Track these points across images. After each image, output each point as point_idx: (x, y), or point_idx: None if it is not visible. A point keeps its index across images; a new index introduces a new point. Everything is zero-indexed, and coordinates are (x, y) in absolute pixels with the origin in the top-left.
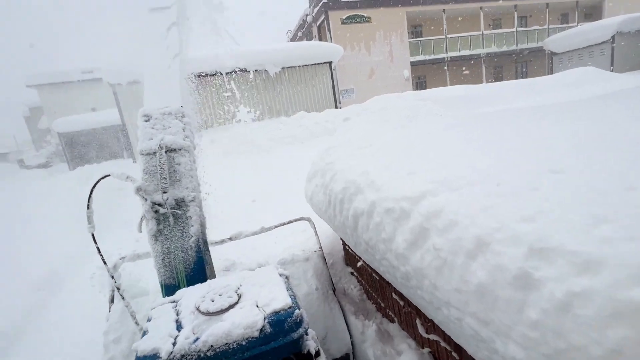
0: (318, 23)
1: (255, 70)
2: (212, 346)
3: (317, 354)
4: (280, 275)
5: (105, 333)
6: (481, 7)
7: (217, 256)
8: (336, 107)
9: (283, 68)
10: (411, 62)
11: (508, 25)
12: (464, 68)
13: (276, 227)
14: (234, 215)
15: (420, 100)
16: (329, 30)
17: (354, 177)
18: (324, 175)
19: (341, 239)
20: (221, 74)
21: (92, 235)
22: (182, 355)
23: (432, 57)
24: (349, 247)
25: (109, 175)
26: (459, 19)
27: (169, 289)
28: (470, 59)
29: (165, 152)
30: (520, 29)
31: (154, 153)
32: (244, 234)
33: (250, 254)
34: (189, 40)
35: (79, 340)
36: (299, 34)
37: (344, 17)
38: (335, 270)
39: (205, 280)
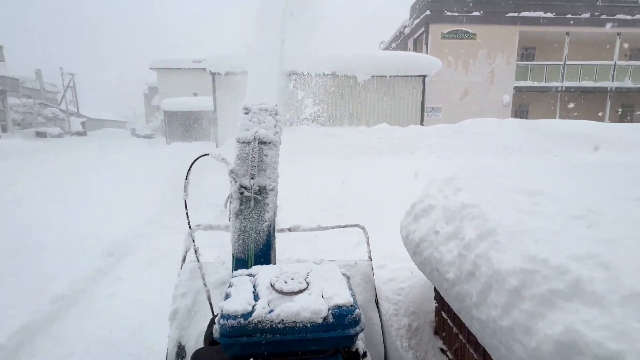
0: (416, 36)
1: (344, 75)
2: (282, 320)
3: (364, 354)
4: (342, 274)
5: (176, 287)
6: (619, 33)
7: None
8: (421, 123)
9: (373, 76)
10: (515, 87)
11: None
12: (581, 101)
13: (332, 228)
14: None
15: (526, 130)
16: (427, 44)
17: (550, 257)
18: (453, 220)
19: (436, 304)
20: (310, 74)
21: (185, 201)
22: (259, 321)
23: (543, 84)
24: (449, 320)
25: (208, 154)
26: (585, 44)
27: (238, 262)
28: (592, 91)
29: (258, 143)
30: None
31: (249, 143)
32: (302, 228)
33: (300, 248)
34: (288, 39)
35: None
36: (393, 45)
37: (445, 32)
38: (419, 340)
39: (269, 262)
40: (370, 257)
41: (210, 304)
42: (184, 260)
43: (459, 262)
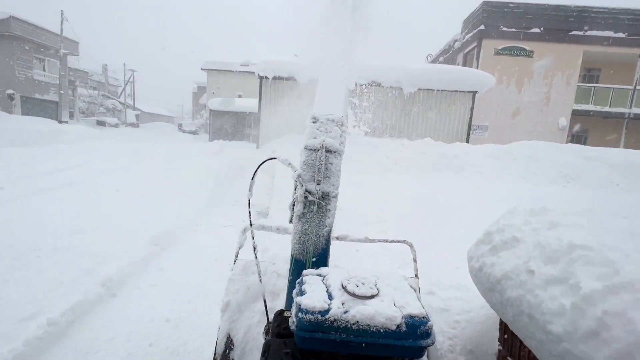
0: (467, 50)
1: (390, 87)
2: (357, 322)
3: None
4: (410, 286)
5: (229, 280)
6: None
7: None
8: (467, 141)
9: (419, 89)
10: (573, 110)
11: None
12: None
13: (379, 241)
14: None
15: (587, 158)
16: (478, 59)
17: None
18: (556, 261)
19: (500, 346)
20: (356, 84)
21: (249, 200)
22: (335, 320)
23: (607, 109)
24: None
25: (275, 158)
26: None
27: (297, 263)
28: None
29: (325, 151)
30: None
31: (316, 150)
32: (349, 237)
33: (344, 259)
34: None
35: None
36: (441, 59)
37: (499, 48)
38: None
39: (325, 266)
40: (417, 275)
41: (265, 300)
42: (237, 256)
43: (573, 316)
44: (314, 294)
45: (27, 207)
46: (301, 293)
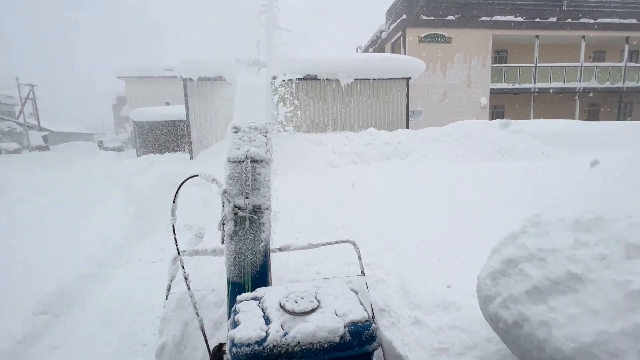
0: (393, 40)
1: (326, 79)
2: (299, 342)
3: None
4: (351, 289)
5: (162, 319)
6: (583, 37)
7: None
8: (407, 127)
9: (356, 79)
10: (491, 90)
11: (613, 59)
12: (553, 102)
13: (323, 245)
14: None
15: (515, 132)
16: (404, 47)
17: None
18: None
19: None
20: (290, 80)
21: (173, 226)
22: (274, 346)
23: (517, 86)
24: None
25: (197, 175)
26: (554, 47)
27: (234, 286)
28: (561, 92)
29: (250, 162)
30: (630, 64)
31: (241, 162)
32: (292, 247)
33: (292, 267)
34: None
35: None
36: (370, 50)
37: (422, 36)
38: None
39: (267, 284)
40: (363, 273)
41: (204, 334)
42: (168, 290)
43: None
44: (249, 322)
45: None
46: (234, 324)
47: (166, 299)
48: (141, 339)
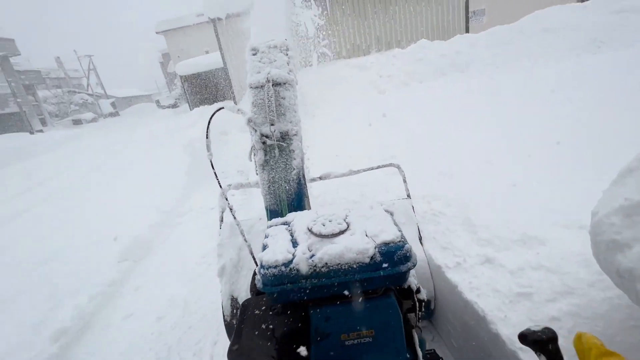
0: None
1: None
2: (326, 264)
3: (418, 290)
4: (385, 211)
5: (219, 245)
6: None
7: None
8: (467, 32)
9: None
10: None
11: None
12: None
13: (365, 170)
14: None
15: (619, 12)
16: None
17: None
18: None
19: None
20: None
21: (211, 161)
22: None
23: None
24: None
25: (223, 108)
26: None
27: (273, 214)
28: None
29: (272, 85)
30: None
31: (262, 86)
32: (333, 175)
33: (333, 192)
34: None
35: None
36: None
37: None
38: None
39: (304, 210)
40: (409, 195)
41: (253, 257)
42: (221, 220)
43: None
44: (276, 245)
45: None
46: (263, 248)
47: (220, 227)
48: (205, 279)
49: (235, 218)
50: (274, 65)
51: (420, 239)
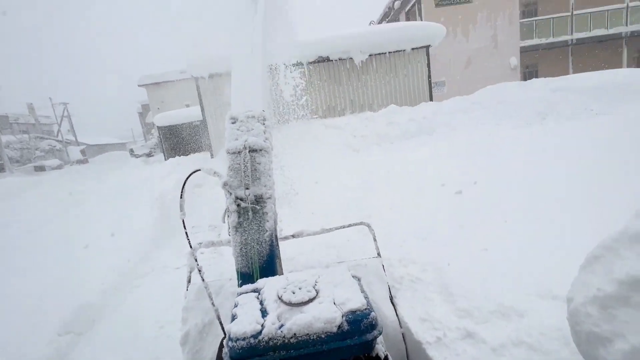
0: (407, 8)
1: (339, 59)
2: (295, 334)
3: (386, 358)
4: (353, 276)
5: (184, 309)
6: None
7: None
8: (431, 100)
9: (371, 55)
10: (521, 48)
11: None
12: (594, 52)
13: (337, 229)
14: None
15: (555, 90)
16: (420, 15)
17: None
18: None
19: None
20: (302, 63)
21: (183, 221)
22: (270, 339)
23: (551, 40)
24: None
25: (200, 170)
26: None
27: (244, 277)
28: (604, 40)
29: (249, 152)
30: None
31: (239, 152)
32: (305, 233)
33: (307, 254)
34: (267, 33)
35: None
36: (384, 23)
37: None
38: None
39: (275, 273)
40: (379, 254)
41: (221, 323)
42: (189, 281)
43: None
44: (245, 316)
45: None
46: (232, 318)
47: (187, 289)
48: (163, 351)
49: (203, 280)
50: (251, 134)
51: (391, 298)
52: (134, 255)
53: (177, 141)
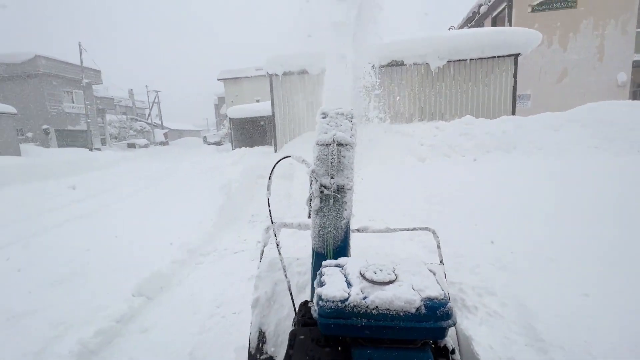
0: (495, 13)
1: (414, 64)
2: (377, 307)
3: (453, 351)
4: (429, 270)
5: (257, 277)
6: None
7: None
8: (513, 114)
9: (449, 62)
10: (634, 62)
11: None
12: None
13: (401, 230)
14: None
15: None
16: (510, 20)
17: None
18: None
19: None
20: (373, 66)
21: (268, 199)
22: (354, 306)
23: None
24: None
25: (290, 156)
26: None
27: (318, 256)
28: None
29: (337, 145)
30: None
31: (328, 145)
32: (370, 229)
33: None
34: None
35: None
36: (465, 29)
37: (535, 3)
38: None
39: (346, 256)
40: (442, 261)
41: (291, 293)
42: (262, 254)
43: None
44: (334, 283)
45: (21, 252)
46: (321, 284)
47: (260, 261)
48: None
49: (280, 254)
50: (339, 129)
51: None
52: (200, 236)
53: (246, 133)
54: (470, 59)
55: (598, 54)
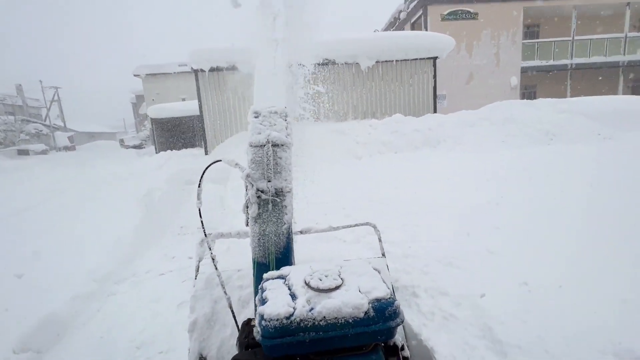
0: (413, 20)
1: (345, 63)
2: (324, 317)
3: (402, 347)
4: (374, 269)
5: (192, 297)
6: (628, 3)
7: None
8: (435, 112)
9: (377, 62)
10: (522, 68)
11: None
12: (592, 78)
13: (343, 227)
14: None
15: (564, 111)
16: (426, 27)
17: None
18: None
19: None
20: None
21: (199, 210)
22: (301, 320)
23: (551, 62)
24: None
25: (220, 160)
26: (593, 17)
27: (260, 266)
28: (602, 67)
29: (272, 146)
30: None
31: (262, 146)
32: (313, 230)
33: (311, 251)
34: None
35: None
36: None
37: (445, 13)
38: None
39: (290, 264)
40: (384, 254)
41: (232, 310)
42: (197, 270)
43: None
44: (276, 298)
45: None
46: (262, 301)
47: (195, 278)
48: None
49: (217, 269)
50: (274, 129)
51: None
52: (114, 258)
53: (171, 135)
54: (396, 60)
55: (496, 60)
